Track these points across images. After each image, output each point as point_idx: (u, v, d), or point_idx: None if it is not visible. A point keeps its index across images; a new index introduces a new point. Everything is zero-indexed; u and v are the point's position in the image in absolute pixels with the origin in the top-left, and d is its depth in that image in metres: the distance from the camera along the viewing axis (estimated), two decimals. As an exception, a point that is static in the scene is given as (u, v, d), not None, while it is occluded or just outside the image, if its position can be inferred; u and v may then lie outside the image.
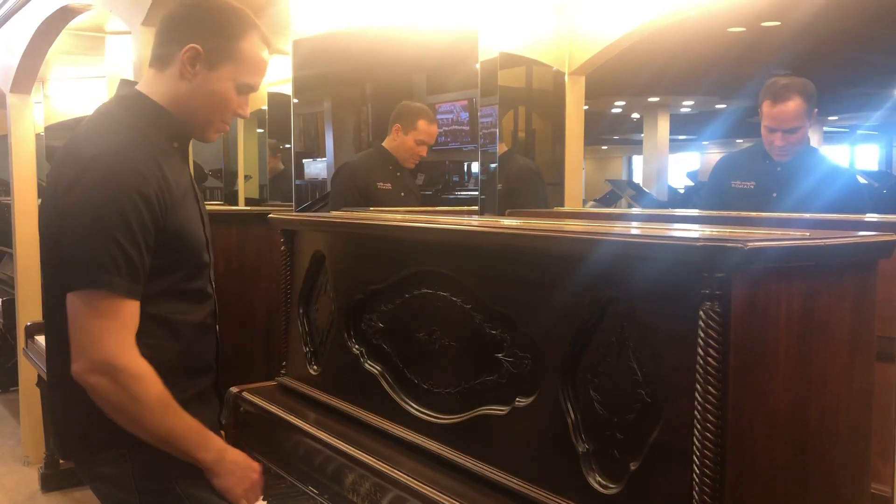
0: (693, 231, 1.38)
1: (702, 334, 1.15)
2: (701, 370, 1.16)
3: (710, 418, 1.15)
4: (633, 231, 1.40)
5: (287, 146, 4.49)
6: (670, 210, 4.29)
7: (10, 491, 4.09)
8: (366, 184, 3.05)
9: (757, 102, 3.06)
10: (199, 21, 1.63)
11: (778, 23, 5.71)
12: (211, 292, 1.76)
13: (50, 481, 4.07)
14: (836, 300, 1.25)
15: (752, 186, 2.99)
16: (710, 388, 1.15)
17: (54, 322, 1.61)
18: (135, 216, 1.50)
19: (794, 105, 2.87)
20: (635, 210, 4.61)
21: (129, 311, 1.52)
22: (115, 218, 1.48)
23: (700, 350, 1.16)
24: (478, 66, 3.37)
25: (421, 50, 3.32)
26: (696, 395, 1.17)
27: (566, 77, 3.55)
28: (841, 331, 1.25)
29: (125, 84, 1.72)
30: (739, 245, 1.10)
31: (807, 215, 2.36)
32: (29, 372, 4.21)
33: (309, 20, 2.78)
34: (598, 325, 1.37)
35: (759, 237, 1.17)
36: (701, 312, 1.15)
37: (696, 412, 1.17)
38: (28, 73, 4.25)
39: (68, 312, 1.52)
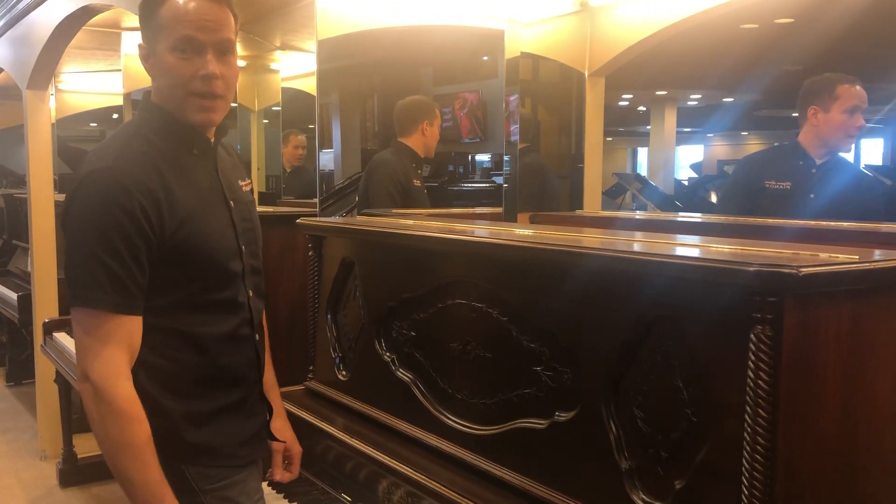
0: (739, 250, 1.38)
1: (752, 357, 1.17)
2: (751, 392, 1.17)
3: (761, 440, 1.17)
4: (682, 251, 1.41)
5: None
6: (689, 215, 4.27)
7: (28, 486, 4.11)
8: (405, 180, 3.11)
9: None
10: (140, 25, 1.66)
11: (791, 19, 5.70)
12: (243, 301, 1.72)
13: (68, 476, 4.08)
14: (884, 320, 1.26)
15: (788, 187, 2.93)
16: (760, 410, 1.16)
17: None
18: (116, 231, 1.50)
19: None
20: (654, 215, 4.62)
21: (118, 327, 1.52)
22: (95, 235, 1.49)
23: (750, 373, 1.17)
24: (485, 58, 3.39)
25: (429, 42, 3.35)
26: (746, 416, 1.18)
27: (586, 76, 3.56)
28: (889, 351, 1.26)
29: (144, 95, 1.71)
30: (793, 271, 1.12)
31: (832, 223, 2.37)
32: (47, 367, 4.22)
33: (334, 22, 2.80)
34: (642, 343, 1.38)
35: (810, 261, 1.18)
36: (752, 335, 1.16)
37: (745, 434, 1.18)
38: (45, 70, 4.24)
39: None
